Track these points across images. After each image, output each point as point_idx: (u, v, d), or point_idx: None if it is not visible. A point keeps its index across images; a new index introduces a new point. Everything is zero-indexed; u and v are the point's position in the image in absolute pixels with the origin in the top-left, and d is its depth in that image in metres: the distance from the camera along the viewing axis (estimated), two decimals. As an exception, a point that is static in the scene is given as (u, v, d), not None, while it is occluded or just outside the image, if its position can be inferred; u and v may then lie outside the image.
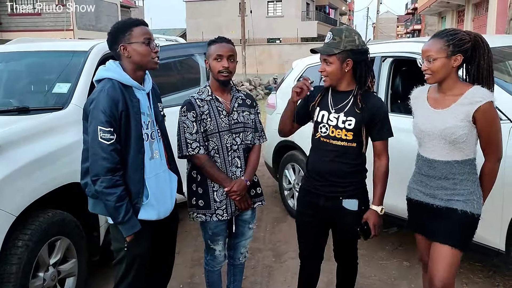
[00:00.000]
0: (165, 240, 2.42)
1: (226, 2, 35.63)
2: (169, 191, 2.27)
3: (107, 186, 1.97)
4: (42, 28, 26.89)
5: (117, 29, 2.10)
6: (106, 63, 2.15)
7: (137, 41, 2.06)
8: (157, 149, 2.19)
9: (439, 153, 2.09)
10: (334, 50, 2.17)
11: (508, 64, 3.39)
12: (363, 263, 3.48)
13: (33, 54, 3.67)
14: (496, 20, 14.18)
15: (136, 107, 2.08)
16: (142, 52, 2.08)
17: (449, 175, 2.08)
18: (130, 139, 2.06)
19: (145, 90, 2.18)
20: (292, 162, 4.44)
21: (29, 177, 2.43)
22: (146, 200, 2.11)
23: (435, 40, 2.03)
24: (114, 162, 1.99)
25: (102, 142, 1.96)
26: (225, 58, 2.33)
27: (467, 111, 1.97)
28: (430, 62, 2.02)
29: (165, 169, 2.26)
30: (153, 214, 2.15)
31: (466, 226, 2.09)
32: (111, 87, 2.02)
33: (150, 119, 2.17)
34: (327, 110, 2.30)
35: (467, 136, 2.00)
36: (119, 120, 2.00)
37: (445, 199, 2.10)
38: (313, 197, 2.37)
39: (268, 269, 3.48)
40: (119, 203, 1.99)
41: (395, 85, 3.80)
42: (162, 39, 4.89)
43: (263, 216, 4.58)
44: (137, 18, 2.21)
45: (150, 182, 2.13)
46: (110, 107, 1.97)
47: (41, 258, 2.46)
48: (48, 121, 2.79)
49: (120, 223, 2.03)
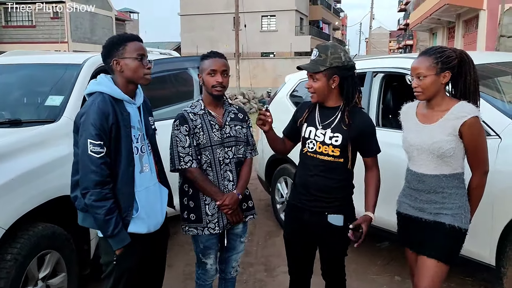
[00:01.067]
0: (155, 254, 2.41)
1: (220, 16, 35.92)
2: (159, 205, 2.27)
3: (97, 199, 1.98)
4: (36, 40, 26.93)
5: (111, 43, 2.12)
6: (97, 77, 2.16)
7: (130, 56, 2.09)
8: (147, 163, 2.20)
9: (427, 167, 2.12)
10: (320, 67, 2.18)
11: (498, 80, 3.45)
12: (355, 277, 3.47)
13: (27, 66, 3.68)
14: (486, 37, 14.43)
15: (127, 120, 2.09)
16: (134, 68, 2.09)
17: (438, 189, 2.10)
18: (120, 153, 2.06)
19: (136, 104, 2.19)
20: (285, 176, 4.44)
21: (20, 190, 2.41)
22: (136, 214, 2.11)
23: (424, 58, 2.07)
24: (104, 175, 1.99)
25: (92, 155, 1.97)
26: (218, 73, 2.35)
27: (453, 126, 2.01)
28: (420, 80, 2.06)
29: (155, 183, 2.26)
30: (143, 227, 2.15)
31: (453, 241, 2.11)
32: (102, 101, 2.03)
33: (141, 132, 2.18)
34: (314, 126, 2.31)
35: (454, 150, 2.04)
36: (109, 133, 2.01)
37: (434, 213, 2.12)
38: (299, 211, 2.36)
39: (260, 283, 3.46)
40: (108, 216, 1.99)
41: (386, 100, 3.85)
42: (156, 53, 4.92)
43: (255, 230, 4.56)
44: (132, 34, 2.24)
45: (140, 195, 2.13)
46: (100, 120, 1.98)
47: (30, 272, 2.43)
48: (40, 133, 2.78)
49: (110, 236, 2.03)
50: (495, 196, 2.58)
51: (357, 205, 2.36)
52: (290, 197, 2.48)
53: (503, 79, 3.55)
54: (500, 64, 3.60)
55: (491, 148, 2.60)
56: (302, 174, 2.36)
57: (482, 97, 2.82)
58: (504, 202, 2.58)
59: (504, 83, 3.48)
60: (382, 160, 2.44)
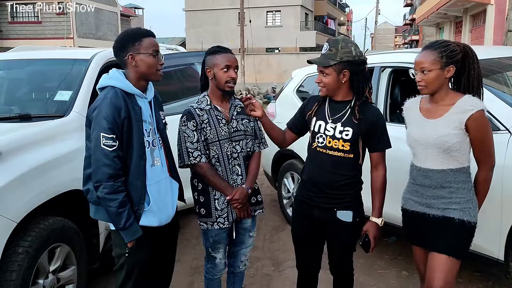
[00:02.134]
0: (166, 247, 2.44)
1: (225, 11, 35.85)
2: (170, 198, 2.30)
3: (109, 192, 2.00)
4: (42, 36, 27.01)
5: (127, 37, 2.13)
6: (109, 71, 2.18)
7: (146, 52, 2.10)
8: (158, 157, 2.22)
9: (433, 162, 2.11)
10: (330, 61, 2.17)
11: (507, 75, 3.43)
12: (362, 272, 3.48)
13: (35, 62, 3.70)
14: (493, 31, 14.31)
15: (138, 114, 2.12)
16: (149, 63, 2.11)
17: (445, 184, 2.09)
18: (132, 146, 2.08)
19: (147, 98, 2.20)
20: (291, 171, 4.45)
21: (30, 184, 2.44)
22: (147, 207, 2.14)
23: (428, 51, 2.05)
24: (116, 168, 2.02)
25: (104, 148, 1.99)
26: (232, 69, 2.36)
27: (459, 120, 2.00)
28: (424, 74, 2.04)
29: (166, 177, 2.28)
30: (154, 220, 2.18)
31: (463, 235, 2.10)
32: (114, 95, 2.05)
33: (152, 127, 2.20)
34: (324, 120, 2.30)
35: (460, 144, 2.03)
36: (121, 127, 2.04)
37: (442, 208, 2.11)
38: (308, 207, 2.36)
39: (267, 277, 3.47)
40: (121, 209, 2.02)
41: (394, 94, 3.83)
42: (163, 48, 4.93)
43: (262, 225, 4.57)
44: (147, 29, 2.24)
45: (152, 189, 2.16)
46: (113, 114, 2.01)
47: (41, 265, 2.46)
48: (49, 128, 2.80)
49: (122, 229, 2.05)
50: (505, 191, 2.57)
51: (366, 201, 2.36)
52: (298, 192, 2.48)
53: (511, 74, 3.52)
54: (509, 58, 3.58)
55: (501, 143, 2.60)
56: (311, 170, 2.36)
57: (491, 92, 2.84)
58: (513, 197, 2.57)
59: (513, 78, 3.45)
60: (390, 155, 2.44)
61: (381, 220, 2.28)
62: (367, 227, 2.28)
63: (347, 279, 2.50)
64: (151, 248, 2.26)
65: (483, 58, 3.16)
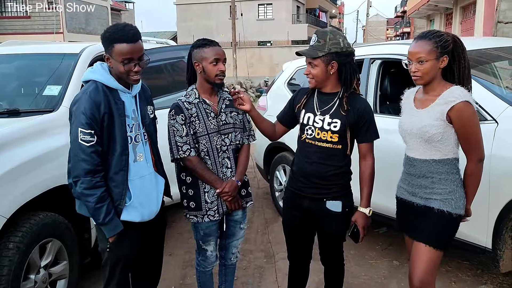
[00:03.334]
0: (152, 243, 2.42)
1: (217, 5, 35.68)
2: (155, 194, 2.27)
3: (87, 188, 1.99)
4: (31, 31, 26.69)
5: (103, 37, 2.06)
6: (94, 64, 2.16)
7: (115, 59, 2.03)
8: (141, 152, 2.19)
9: (418, 151, 2.13)
10: (318, 52, 2.19)
11: (494, 66, 3.46)
12: (354, 262, 3.52)
13: (24, 56, 3.68)
14: (483, 23, 14.37)
15: (121, 109, 2.09)
16: (119, 71, 2.05)
17: (428, 174, 2.11)
18: (114, 141, 2.06)
19: (131, 93, 2.16)
20: (283, 164, 4.47)
21: (20, 179, 2.43)
22: (129, 202, 2.12)
23: (424, 41, 2.04)
24: (94, 163, 1.99)
25: (82, 143, 1.98)
26: (221, 62, 2.36)
27: (441, 110, 2.01)
28: (420, 64, 2.03)
29: (151, 172, 2.25)
30: (136, 216, 2.16)
31: (444, 226, 2.10)
32: (94, 90, 2.03)
33: (135, 122, 2.16)
34: (312, 112, 2.32)
35: (442, 135, 2.03)
36: (101, 122, 2.01)
37: (424, 198, 2.13)
38: (298, 198, 2.39)
39: (260, 269, 3.50)
40: (99, 204, 2.00)
41: (384, 86, 3.85)
42: (153, 42, 4.91)
43: (255, 218, 4.60)
44: (122, 34, 2.02)
45: (134, 184, 2.14)
46: (91, 109, 1.98)
47: (32, 260, 2.46)
48: (38, 123, 2.79)
49: (102, 224, 2.05)
50: (492, 180, 2.61)
51: (355, 191, 2.38)
52: (288, 183, 2.50)
53: (500, 65, 3.56)
54: (497, 49, 3.61)
55: (488, 132, 2.64)
56: (300, 161, 2.38)
57: (479, 82, 2.87)
58: (500, 186, 2.61)
59: (501, 69, 3.49)
60: (379, 147, 2.46)
61: (369, 210, 2.30)
62: (356, 217, 2.31)
63: (338, 269, 2.53)
64: (135, 243, 2.24)
65: (471, 49, 3.20)
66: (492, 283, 3.16)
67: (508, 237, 2.66)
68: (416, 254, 2.12)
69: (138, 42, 2.05)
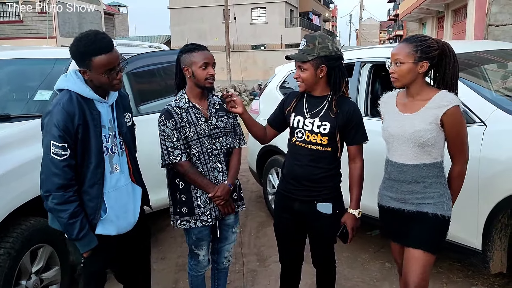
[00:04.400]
0: (134, 254, 2.35)
1: (210, 9, 35.71)
2: (131, 205, 2.18)
3: (59, 203, 1.91)
4: (24, 35, 26.62)
5: (76, 52, 1.95)
6: (68, 71, 2.06)
7: (96, 72, 1.95)
8: (117, 163, 2.11)
9: (408, 157, 2.12)
10: (308, 56, 2.21)
11: (484, 68, 3.50)
12: (346, 265, 3.53)
13: (15, 61, 3.67)
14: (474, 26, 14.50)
15: (97, 120, 2.00)
16: (102, 82, 1.99)
17: (419, 179, 2.11)
18: (89, 153, 1.98)
19: (108, 102, 2.09)
20: (276, 167, 4.48)
21: (11, 184, 2.43)
22: (104, 215, 2.04)
23: (404, 44, 2.08)
24: (67, 178, 1.91)
25: (54, 157, 1.89)
26: (210, 66, 2.37)
27: (435, 115, 2.02)
28: (397, 66, 2.06)
29: (127, 183, 2.17)
30: (111, 229, 2.08)
31: (437, 229, 2.12)
32: (68, 100, 1.94)
33: (112, 132, 2.09)
34: (302, 115, 2.34)
35: (435, 139, 2.05)
36: (75, 134, 1.92)
37: (416, 203, 2.13)
38: (288, 201, 2.40)
39: (252, 273, 3.50)
40: (72, 219, 1.92)
41: (375, 89, 3.88)
42: (145, 47, 4.91)
43: (248, 221, 4.60)
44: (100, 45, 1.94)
45: (109, 196, 2.06)
46: (65, 121, 1.89)
47: (24, 266, 2.46)
48: (29, 128, 2.78)
49: (75, 239, 1.97)
50: (481, 182, 2.63)
51: (345, 193, 2.40)
52: (279, 186, 2.52)
53: (489, 67, 3.59)
54: (487, 52, 3.65)
55: (477, 135, 2.67)
56: (291, 164, 2.39)
57: (468, 85, 2.90)
58: (489, 188, 2.63)
59: (490, 71, 3.52)
60: (370, 149, 2.48)
61: (358, 211, 2.32)
62: (345, 219, 2.33)
63: (330, 271, 2.54)
64: (108, 258, 2.17)
65: (461, 52, 3.24)
66: (483, 284, 3.18)
67: (498, 238, 2.69)
68: (411, 259, 2.12)
69: (114, 49, 1.98)
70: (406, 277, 2.14)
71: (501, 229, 2.69)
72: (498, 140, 2.65)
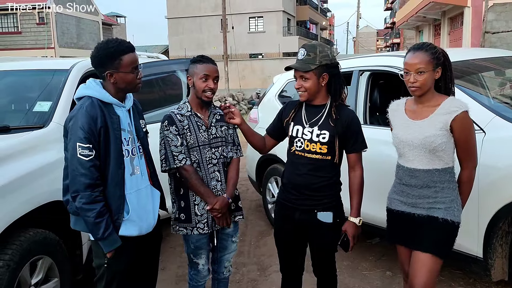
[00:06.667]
0: (148, 256, 2.42)
1: (208, 18, 35.91)
2: (151, 207, 2.29)
3: (86, 202, 1.99)
4: (22, 46, 26.71)
5: (105, 55, 2.09)
6: (86, 81, 2.18)
7: (125, 70, 2.10)
8: (138, 165, 2.22)
9: (420, 162, 2.14)
10: (311, 66, 2.23)
11: (482, 76, 3.52)
12: (347, 274, 3.52)
13: (14, 73, 3.67)
14: (471, 33, 14.61)
15: (116, 123, 2.12)
16: (129, 80, 2.13)
17: (431, 183, 2.13)
18: (110, 155, 2.08)
19: (126, 107, 2.21)
20: (275, 176, 4.47)
21: (10, 196, 2.41)
22: (127, 216, 2.13)
23: (421, 53, 2.08)
24: (93, 178, 2.01)
25: (81, 158, 1.99)
26: (211, 79, 2.39)
27: (445, 120, 2.05)
28: (420, 74, 2.06)
29: (147, 185, 2.28)
30: (134, 230, 2.17)
31: (446, 234, 2.14)
32: (90, 105, 2.06)
33: (131, 135, 2.20)
34: (301, 124, 2.35)
35: (445, 144, 2.07)
36: (98, 136, 2.04)
37: (427, 208, 2.15)
38: (289, 210, 2.40)
39: (253, 283, 3.48)
40: (98, 219, 2.01)
41: (373, 97, 3.89)
42: (144, 57, 4.93)
43: (248, 230, 4.59)
44: (127, 44, 2.15)
45: (131, 197, 2.16)
46: (89, 123, 2.01)
47: (23, 278, 2.43)
48: (29, 140, 2.78)
49: (100, 239, 2.05)
50: (481, 190, 2.63)
51: (345, 202, 2.40)
52: (279, 196, 2.51)
53: (487, 75, 3.61)
54: (485, 60, 3.67)
55: (476, 142, 2.66)
56: (290, 173, 2.39)
57: (466, 93, 2.91)
58: (490, 196, 2.63)
59: (488, 79, 3.54)
60: (369, 157, 2.48)
61: (359, 219, 2.32)
62: (346, 227, 2.33)
63: (331, 280, 2.53)
64: (131, 258, 2.25)
65: (459, 60, 3.26)
66: (484, 292, 3.17)
67: (499, 245, 2.68)
68: (419, 263, 2.13)
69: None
70: (413, 280, 2.14)
71: (502, 237, 2.69)
72: (497, 147, 2.66)
